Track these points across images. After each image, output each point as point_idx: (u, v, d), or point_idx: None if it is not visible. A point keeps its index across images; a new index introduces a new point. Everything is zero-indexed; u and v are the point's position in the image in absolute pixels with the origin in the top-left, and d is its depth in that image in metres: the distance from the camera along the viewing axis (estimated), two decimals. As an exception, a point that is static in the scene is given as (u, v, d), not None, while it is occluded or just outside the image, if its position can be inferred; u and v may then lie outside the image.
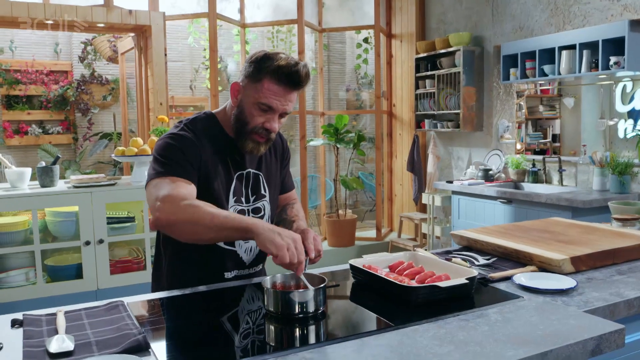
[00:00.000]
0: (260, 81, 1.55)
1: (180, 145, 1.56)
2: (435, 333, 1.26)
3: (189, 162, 1.55)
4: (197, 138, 1.61)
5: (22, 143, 6.48)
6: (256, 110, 1.58)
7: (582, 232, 2.04)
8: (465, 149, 5.31)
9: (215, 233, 1.42)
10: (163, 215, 1.44)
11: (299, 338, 1.31)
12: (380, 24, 5.81)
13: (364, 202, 8.26)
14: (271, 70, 1.54)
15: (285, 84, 1.55)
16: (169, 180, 1.50)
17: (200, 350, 1.22)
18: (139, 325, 1.34)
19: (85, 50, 6.53)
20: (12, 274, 3.04)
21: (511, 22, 4.73)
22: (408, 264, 1.68)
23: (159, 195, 1.46)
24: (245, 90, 1.60)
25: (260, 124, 1.59)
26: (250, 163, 1.71)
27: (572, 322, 1.31)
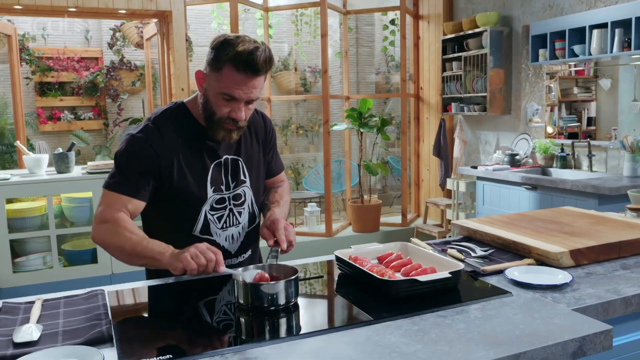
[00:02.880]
0: (220, 70, 1.49)
1: (135, 153, 1.57)
2: (408, 330, 1.21)
3: (140, 172, 1.57)
4: (163, 135, 1.58)
5: (55, 129, 6.64)
6: (220, 100, 1.53)
7: (592, 222, 1.93)
8: (493, 133, 5.15)
9: (137, 261, 1.54)
10: (97, 237, 1.57)
11: (263, 332, 1.27)
12: (407, 5, 5.66)
13: (393, 187, 8.16)
14: (230, 58, 1.47)
15: (245, 71, 1.48)
16: (114, 199, 1.56)
17: (162, 342, 1.20)
18: (111, 315, 1.34)
19: (114, 36, 6.61)
20: (30, 257, 3.12)
21: (540, 0, 4.52)
22: (397, 256, 1.62)
23: (100, 216, 1.56)
24: (208, 79, 1.54)
25: (226, 114, 1.55)
26: (227, 149, 1.68)
27: (557, 321, 1.23)
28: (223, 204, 1.68)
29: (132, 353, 1.13)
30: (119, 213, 1.55)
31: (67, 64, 6.58)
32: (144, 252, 1.49)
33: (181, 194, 1.60)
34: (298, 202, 6.65)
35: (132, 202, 1.57)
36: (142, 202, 1.59)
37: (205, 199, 1.63)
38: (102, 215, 1.56)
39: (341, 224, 5.85)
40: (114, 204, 1.56)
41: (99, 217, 1.56)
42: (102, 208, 1.57)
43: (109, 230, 1.54)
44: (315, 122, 7.86)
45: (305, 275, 1.66)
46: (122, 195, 1.56)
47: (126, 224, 1.54)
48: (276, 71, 7.55)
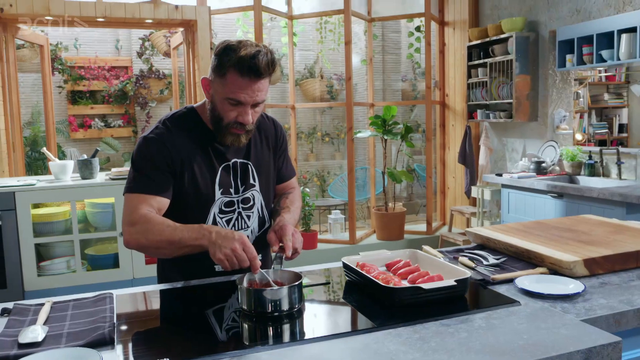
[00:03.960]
0: (225, 76, 1.52)
1: (150, 153, 1.58)
2: (408, 338, 1.19)
3: (157, 170, 1.57)
4: (174, 136, 1.61)
5: (86, 136, 6.80)
6: (226, 105, 1.55)
7: (611, 231, 1.87)
8: (520, 140, 5.06)
9: (178, 251, 1.50)
10: (132, 240, 1.53)
11: (261, 338, 1.26)
12: (432, 11, 5.63)
13: (420, 195, 8.08)
14: (233, 63, 1.49)
15: (248, 75, 1.50)
16: (138, 200, 1.55)
17: (162, 345, 1.21)
18: (116, 318, 1.35)
19: (143, 45, 6.75)
20: (55, 261, 3.19)
21: (567, 4, 4.44)
22: (405, 263, 1.60)
23: (127, 219, 1.54)
24: (214, 85, 1.57)
25: (234, 118, 1.56)
26: (236, 153, 1.69)
27: (563, 331, 1.19)
28: (232, 207, 1.69)
29: (132, 355, 1.13)
30: (145, 211, 1.54)
31: (98, 73, 6.74)
32: (181, 242, 1.47)
33: (190, 195, 1.62)
34: (323, 210, 6.65)
35: (156, 200, 1.57)
36: (165, 198, 1.59)
37: (213, 200, 1.64)
38: (129, 218, 1.55)
39: (365, 231, 5.82)
40: (138, 204, 1.55)
41: (127, 221, 1.55)
42: (127, 212, 1.56)
43: (140, 230, 1.52)
44: (341, 129, 7.86)
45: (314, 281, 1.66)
46: (144, 194, 1.56)
47: (155, 219, 1.52)
48: (302, 79, 7.58)
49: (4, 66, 4.43)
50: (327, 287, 1.61)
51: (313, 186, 7.74)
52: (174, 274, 1.72)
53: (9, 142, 4.39)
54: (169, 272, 1.75)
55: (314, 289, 1.60)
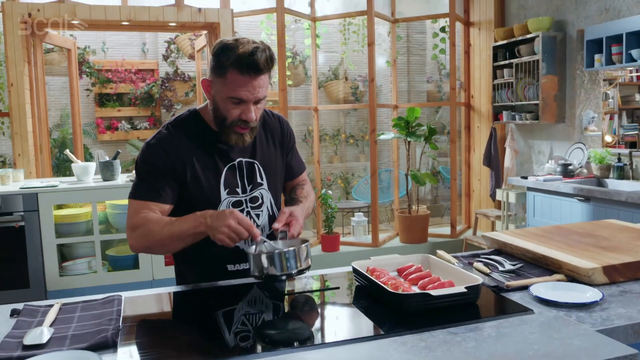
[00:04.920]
0: (225, 75, 1.52)
1: (154, 158, 1.60)
2: (413, 346, 1.16)
3: (159, 176, 1.59)
4: (176, 140, 1.62)
5: (113, 138, 6.90)
6: (229, 104, 1.55)
7: (634, 237, 1.80)
8: (547, 142, 4.95)
9: (182, 244, 1.55)
10: (136, 244, 1.59)
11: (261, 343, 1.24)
12: (457, 11, 5.55)
13: (445, 197, 7.98)
14: (232, 62, 1.49)
15: (248, 73, 1.50)
16: (139, 205, 1.59)
17: (163, 348, 1.20)
18: (122, 321, 1.35)
19: (168, 48, 6.83)
20: (77, 262, 3.24)
21: (596, 3, 4.32)
22: (416, 268, 1.57)
23: (129, 224, 1.59)
24: (215, 85, 1.57)
25: (237, 117, 1.56)
26: (241, 153, 1.69)
27: (576, 342, 1.14)
28: (240, 206, 1.68)
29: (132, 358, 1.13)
30: (139, 216, 1.57)
31: (124, 76, 6.84)
32: (182, 234, 1.51)
33: (195, 197, 1.63)
34: (346, 212, 6.61)
35: (157, 205, 1.59)
36: (166, 204, 1.61)
37: (219, 200, 1.65)
38: (130, 224, 1.59)
39: (388, 234, 5.77)
40: (139, 210, 1.58)
41: (129, 227, 1.59)
42: (129, 218, 1.60)
43: (142, 233, 1.56)
44: (365, 131, 7.81)
45: (325, 285, 1.63)
46: (145, 201, 1.59)
47: (152, 218, 1.56)
48: (326, 80, 7.57)
49: (32, 70, 4.52)
50: (337, 291, 1.58)
51: (337, 188, 7.71)
52: (191, 275, 1.73)
53: (36, 144, 4.48)
54: (186, 275, 1.76)
55: (325, 293, 1.57)
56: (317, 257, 5.10)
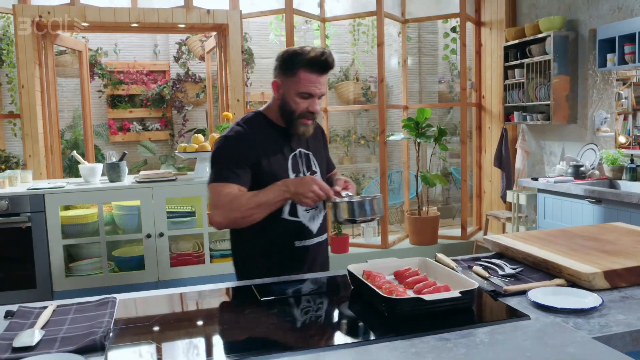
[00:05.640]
0: (297, 74, 1.80)
1: (232, 148, 1.82)
2: (403, 352, 1.14)
3: (237, 162, 1.79)
4: (251, 134, 1.85)
5: (125, 139, 6.95)
6: (299, 99, 1.82)
7: (639, 240, 1.76)
8: (558, 143, 4.88)
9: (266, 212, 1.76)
10: (221, 219, 1.76)
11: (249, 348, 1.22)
12: (468, 11, 5.49)
13: (457, 199, 7.91)
14: (304, 63, 1.78)
15: (317, 71, 1.80)
16: (221, 187, 1.77)
17: (151, 353, 1.19)
18: (113, 323, 1.35)
19: (179, 50, 6.85)
20: (84, 262, 3.25)
21: (608, 2, 4.25)
22: (413, 272, 1.55)
23: (214, 203, 1.77)
24: (285, 85, 1.83)
25: (305, 109, 1.83)
26: (299, 144, 1.94)
27: (571, 349, 1.11)
28: None
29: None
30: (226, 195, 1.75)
31: (136, 77, 6.88)
32: (269, 202, 1.74)
33: (268, 181, 1.80)
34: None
35: (237, 187, 1.78)
36: (244, 187, 1.80)
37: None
38: (216, 203, 1.77)
39: (398, 235, 5.73)
40: (222, 191, 1.77)
41: (215, 206, 1.77)
42: (213, 198, 1.78)
43: (230, 208, 1.74)
44: (376, 132, 7.77)
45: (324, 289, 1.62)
46: (227, 183, 1.77)
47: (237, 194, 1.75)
48: (337, 81, 7.55)
49: (43, 72, 4.56)
50: (333, 295, 1.57)
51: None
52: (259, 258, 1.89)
53: (47, 145, 4.52)
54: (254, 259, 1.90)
55: (320, 296, 1.56)
56: (325, 259, 5.07)
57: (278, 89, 1.85)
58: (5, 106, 6.45)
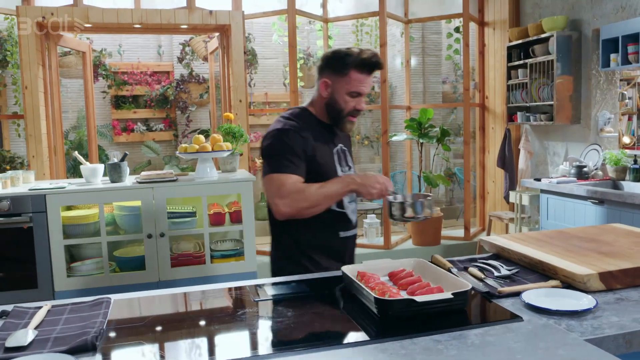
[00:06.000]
0: (347, 74, 1.87)
1: (287, 141, 1.86)
2: (393, 353, 1.13)
3: (295, 154, 1.84)
4: (303, 128, 1.90)
5: (129, 140, 6.97)
6: (348, 97, 1.90)
7: (638, 242, 1.74)
8: (562, 144, 4.86)
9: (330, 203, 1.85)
10: (288, 209, 1.80)
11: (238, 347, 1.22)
12: (471, 11, 5.48)
13: (461, 199, 7.89)
14: (356, 63, 1.86)
15: (367, 72, 1.89)
16: (283, 177, 1.81)
17: (141, 354, 1.20)
18: (106, 324, 1.35)
19: (183, 51, 6.87)
20: (86, 262, 3.26)
21: (612, 1, 4.23)
22: (407, 273, 1.54)
23: (277, 194, 1.80)
24: (335, 84, 1.90)
25: (352, 108, 1.92)
26: (338, 140, 2.03)
27: (561, 352, 1.11)
28: None
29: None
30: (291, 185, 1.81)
31: (140, 78, 6.91)
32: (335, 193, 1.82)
33: (318, 172, 1.89)
34: (360, 213, 6.58)
35: (297, 178, 1.84)
36: (301, 178, 1.85)
37: (336, 173, 1.94)
38: (279, 193, 1.80)
39: (401, 236, 5.72)
40: (284, 181, 1.81)
41: (277, 196, 1.80)
42: (275, 189, 1.82)
43: (296, 198, 1.79)
44: (380, 132, 7.77)
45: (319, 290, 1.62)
46: (286, 174, 1.82)
47: (303, 186, 1.81)
48: (341, 82, 7.54)
49: (47, 72, 4.59)
50: (327, 296, 1.56)
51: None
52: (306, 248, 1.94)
53: (50, 146, 4.54)
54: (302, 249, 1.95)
55: (314, 298, 1.56)
56: (328, 259, 5.07)
57: (327, 88, 1.92)
58: (10, 107, 6.49)
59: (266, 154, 1.89)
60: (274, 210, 1.83)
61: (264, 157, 1.90)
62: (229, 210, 3.46)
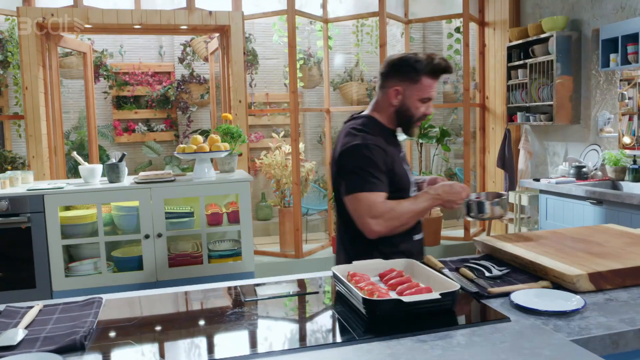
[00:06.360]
0: (419, 81, 1.88)
1: (370, 155, 1.85)
2: (379, 354, 1.14)
3: (379, 169, 1.85)
4: (376, 139, 1.90)
5: (130, 140, 6.99)
6: (419, 103, 1.92)
7: (629, 242, 1.74)
8: (562, 144, 4.85)
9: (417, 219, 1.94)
10: (380, 229, 1.82)
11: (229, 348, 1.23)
12: (471, 11, 5.47)
13: (462, 200, 7.87)
14: (428, 69, 1.87)
15: (437, 77, 1.92)
16: (373, 197, 1.82)
17: (128, 354, 1.20)
18: (97, 324, 1.36)
19: (184, 51, 6.88)
20: (84, 263, 3.27)
21: (611, 1, 4.22)
22: (398, 273, 1.55)
23: (370, 214, 1.82)
24: (407, 91, 1.91)
25: (422, 113, 1.95)
26: (400, 146, 2.05)
27: (546, 352, 1.11)
28: (413, 187, 2.04)
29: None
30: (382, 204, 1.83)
31: (141, 79, 6.92)
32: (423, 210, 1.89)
33: (396, 181, 1.91)
34: (360, 214, 6.57)
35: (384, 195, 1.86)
36: (386, 193, 1.88)
37: (409, 183, 1.99)
38: (371, 213, 1.82)
39: (401, 236, 5.71)
40: (375, 201, 1.83)
41: (370, 215, 1.82)
42: (367, 208, 1.82)
43: (389, 218, 1.82)
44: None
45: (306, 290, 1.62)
46: (375, 192, 1.84)
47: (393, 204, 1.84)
48: (342, 82, 7.55)
49: (47, 73, 4.60)
50: (318, 296, 1.57)
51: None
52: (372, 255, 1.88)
53: (50, 146, 4.56)
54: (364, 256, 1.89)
55: (305, 298, 1.56)
56: (327, 259, 5.08)
57: (397, 95, 1.92)
58: (12, 108, 6.52)
59: (349, 170, 1.87)
60: (366, 230, 1.84)
61: (345, 174, 1.89)
62: (227, 211, 3.47)
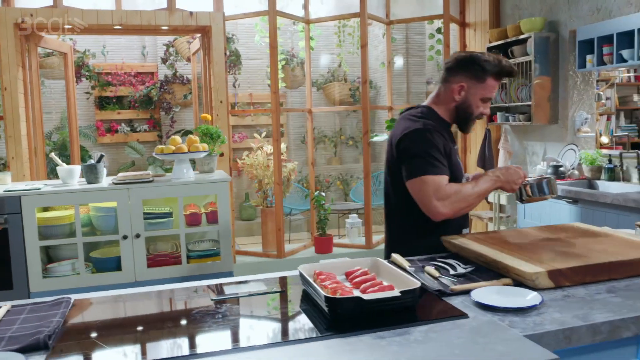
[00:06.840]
0: (485, 80, 1.97)
1: (431, 139, 1.91)
2: (337, 350, 1.16)
3: (440, 153, 1.91)
4: (436, 127, 1.96)
5: (113, 141, 6.96)
6: (480, 102, 2.00)
7: (592, 240, 1.79)
8: (540, 144, 4.91)
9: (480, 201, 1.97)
10: (447, 211, 1.86)
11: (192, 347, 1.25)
12: (452, 12, 5.53)
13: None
14: (495, 71, 1.95)
15: (500, 79, 2.00)
16: (438, 179, 1.87)
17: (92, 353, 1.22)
18: (62, 323, 1.37)
19: (167, 51, 6.87)
20: (62, 264, 3.27)
21: (588, 3, 4.28)
22: (362, 272, 1.57)
23: (436, 196, 1.86)
24: (471, 89, 1.98)
25: (480, 112, 2.03)
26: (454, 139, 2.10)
27: (499, 347, 1.14)
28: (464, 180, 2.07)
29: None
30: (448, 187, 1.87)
31: (124, 79, 6.90)
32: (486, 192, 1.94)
33: (453, 169, 1.96)
34: (343, 214, 6.62)
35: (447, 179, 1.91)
36: (448, 176, 1.92)
37: (462, 172, 2.06)
38: (438, 195, 1.86)
39: (383, 236, 5.74)
40: (440, 183, 1.87)
41: (436, 198, 1.86)
42: (433, 191, 1.86)
43: (456, 200, 1.87)
44: (357, 133, 7.81)
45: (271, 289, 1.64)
46: (440, 175, 1.88)
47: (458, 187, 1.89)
48: (325, 82, 7.58)
49: (27, 74, 4.58)
50: (287, 295, 1.59)
51: (336, 190, 7.71)
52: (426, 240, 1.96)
53: (30, 147, 4.54)
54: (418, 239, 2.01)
55: (271, 296, 1.59)
56: (310, 259, 5.11)
57: (461, 91, 1.99)
58: (-7, 108, 6.47)
59: (413, 154, 1.91)
60: (432, 212, 1.87)
61: (408, 157, 1.92)
62: (206, 211, 3.48)
